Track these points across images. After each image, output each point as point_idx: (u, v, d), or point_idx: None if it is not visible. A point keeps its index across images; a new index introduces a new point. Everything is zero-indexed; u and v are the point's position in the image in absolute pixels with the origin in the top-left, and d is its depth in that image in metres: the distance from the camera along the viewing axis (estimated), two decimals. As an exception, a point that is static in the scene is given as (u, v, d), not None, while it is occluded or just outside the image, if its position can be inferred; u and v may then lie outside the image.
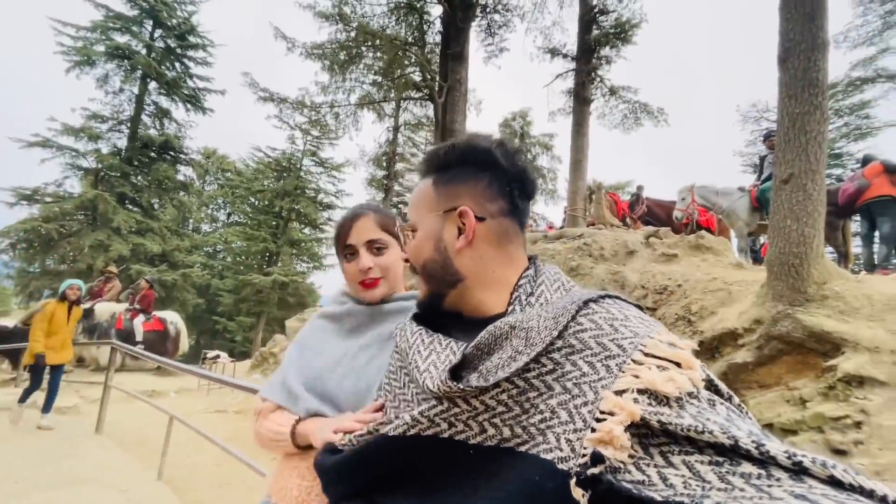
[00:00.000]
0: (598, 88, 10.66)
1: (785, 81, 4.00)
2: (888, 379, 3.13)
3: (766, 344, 3.81)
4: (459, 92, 9.04)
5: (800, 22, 3.95)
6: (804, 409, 3.41)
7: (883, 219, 5.35)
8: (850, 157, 18.35)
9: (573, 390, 0.50)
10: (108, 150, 17.51)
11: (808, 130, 3.82)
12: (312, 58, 10.02)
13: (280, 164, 23.97)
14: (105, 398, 4.85)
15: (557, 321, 0.55)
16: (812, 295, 3.69)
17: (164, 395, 7.56)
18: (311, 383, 0.95)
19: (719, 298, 4.56)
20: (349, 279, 1.04)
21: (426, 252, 0.71)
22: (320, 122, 12.94)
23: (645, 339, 0.51)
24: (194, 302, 20.05)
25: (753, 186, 6.78)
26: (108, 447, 4.39)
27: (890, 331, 3.34)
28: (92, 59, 16.90)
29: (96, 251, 15.51)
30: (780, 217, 3.88)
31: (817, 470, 0.35)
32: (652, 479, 0.40)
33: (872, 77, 15.40)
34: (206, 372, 5.00)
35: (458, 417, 0.56)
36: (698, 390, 0.46)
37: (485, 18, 10.66)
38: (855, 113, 17.61)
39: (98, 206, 16.08)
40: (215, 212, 32.65)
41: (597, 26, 10.18)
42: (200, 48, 19.34)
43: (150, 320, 9.84)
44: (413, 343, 0.67)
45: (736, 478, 0.36)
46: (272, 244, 22.80)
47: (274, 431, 0.93)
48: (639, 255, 6.09)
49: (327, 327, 1.06)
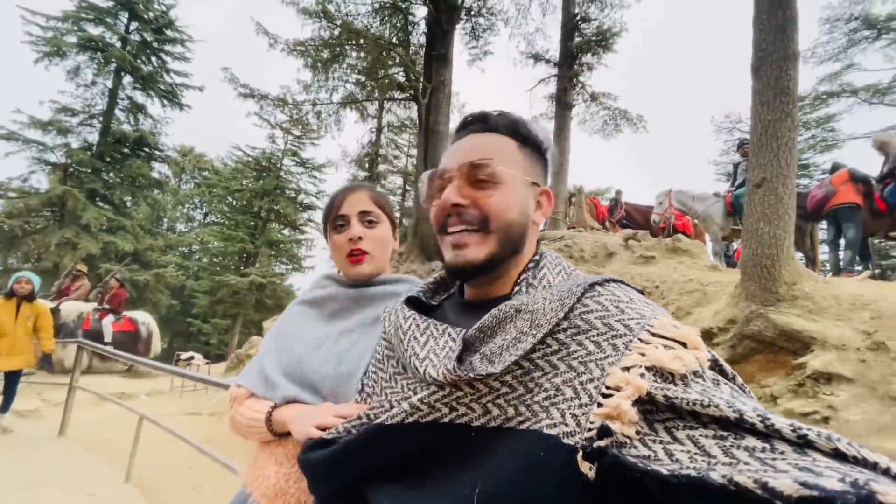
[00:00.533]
0: (579, 94, 10.86)
1: (758, 89, 4.15)
2: (854, 375, 3.25)
3: (739, 343, 3.92)
4: (443, 94, 9.06)
5: (772, 33, 4.11)
6: (775, 406, 3.52)
7: (848, 224, 5.58)
8: (816, 167, 19.17)
9: (578, 368, 0.50)
10: (78, 145, 16.83)
11: (780, 136, 3.97)
12: (295, 55, 9.89)
13: (259, 164, 23.49)
14: (70, 400, 4.64)
15: (563, 302, 0.55)
16: (783, 295, 3.82)
17: (135, 397, 7.29)
18: (291, 369, 0.92)
19: (695, 299, 4.67)
20: (336, 251, 1.01)
21: (514, 211, 0.66)
22: (302, 121, 12.78)
23: (651, 319, 0.51)
24: (168, 303, 19.45)
25: (728, 192, 7.00)
26: (73, 450, 4.20)
27: (855, 329, 3.48)
28: (63, 50, 16.26)
29: (63, 249, 14.89)
30: (753, 219, 4.01)
31: (822, 443, 0.35)
32: (658, 454, 0.40)
33: (838, 91, 16.12)
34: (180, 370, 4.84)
35: (460, 401, 0.55)
36: (703, 370, 0.47)
37: (469, 21, 10.74)
38: (821, 126, 18.41)
39: (66, 203, 15.45)
40: (191, 211, 31.83)
41: (579, 34, 10.39)
42: (178, 43, 18.83)
43: (121, 321, 9.50)
44: (407, 329, 0.65)
45: (740, 451, 0.36)
46: (250, 245, 22.31)
47: (249, 418, 0.91)
48: (618, 257, 6.20)
49: (307, 312, 1.03)
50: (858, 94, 15.54)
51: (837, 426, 3.11)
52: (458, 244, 0.64)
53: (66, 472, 3.56)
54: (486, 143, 0.68)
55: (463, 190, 0.65)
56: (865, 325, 3.48)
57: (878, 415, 3.03)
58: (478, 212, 0.64)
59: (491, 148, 0.67)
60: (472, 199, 0.65)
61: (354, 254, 0.98)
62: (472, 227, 0.64)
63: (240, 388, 0.96)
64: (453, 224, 0.65)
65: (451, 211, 0.65)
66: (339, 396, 0.84)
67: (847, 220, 5.58)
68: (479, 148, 0.67)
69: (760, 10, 4.20)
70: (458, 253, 0.64)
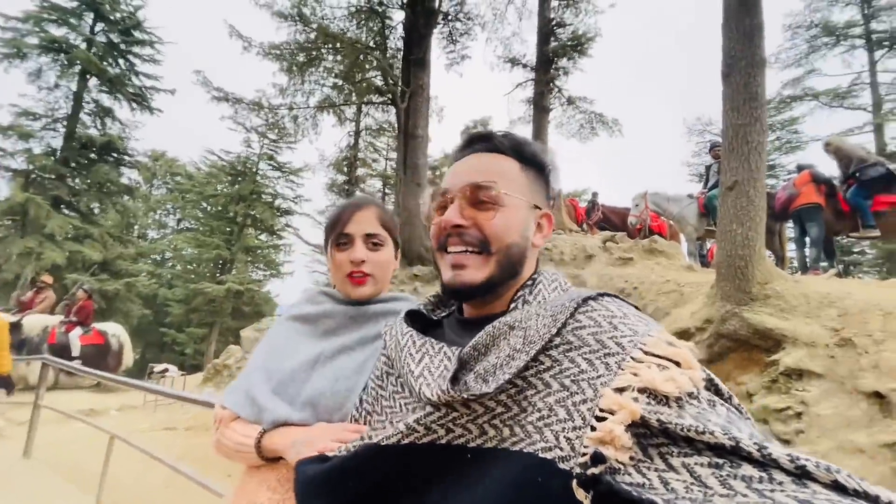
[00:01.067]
0: (556, 98, 11.00)
1: (728, 95, 4.28)
2: (824, 371, 3.38)
3: (715, 342, 4.02)
4: (422, 97, 9.05)
5: (740, 40, 4.25)
6: (750, 403, 3.62)
7: (811, 224, 5.82)
8: (782, 168, 19.95)
9: (571, 387, 0.49)
10: (40, 150, 16.14)
11: (750, 140, 4.10)
12: (270, 58, 9.73)
13: (235, 168, 23.01)
14: (35, 419, 4.40)
15: (556, 318, 0.54)
16: (756, 294, 3.94)
17: (105, 413, 6.99)
18: (283, 386, 0.88)
19: (673, 300, 4.78)
20: (337, 269, 0.98)
21: (514, 233, 0.66)
22: (278, 125, 12.55)
23: (645, 337, 0.50)
24: (140, 313, 18.81)
25: (701, 194, 7.20)
26: (39, 473, 3.99)
27: (824, 326, 3.61)
28: (23, 51, 15.58)
29: (25, 259, 14.22)
30: (726, 222, 4.12)
31: (821, 475, 0.34)
32: (653, 482, 0.39)
33: (801, 95, 16.86)
34: (150, 385, 4.67)
35: (456, 422, 0.54)
36: (698, 390, 0.46)
37: (447, 26, 10.77)
38: (786, 128, 19.21)
39: (29, 211, 14.77)
40: (164, 217, 30.86)
41: (554, 38, 10.54)
42: (147, 44, 18.26)
43: (89, 333, 9.12)
44: (404, 345, 0.65)
45: (737, 482, 0.35)
46: (226, 251, 21.79)
47: (237, 442, 0.87)
48: (597, 259, 6.29)
49: (300, 329, 0.99)
50: (819, 98, 16.27)
51: (809, 420, 3.22)
52: (458, 265, 0.64)
53: (33, 497, 3.38)
54: (489, 164, 0.68)
55: (465, 210, 0.66)
56: (833, 322, 3.62)
57: (847, 409, 3.15)
58: (479, 233, 0.65)
59: (494, 170, 0.67)
60: (473, 220, 0.65)
61: (356, 276, 0.96)
62: (472, 249, 0.65)
63: (225, 410, 0.92)
64: (454, 244, 0.66)
65: (452, 231, 0.66)
66: (335, 413, 0.82)
67: (810, 219, 5.81)
68: (482, 169, 0.67)
69: (728, 17, 4.34)
70: (457, 273, 0.64)
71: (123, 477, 3.85)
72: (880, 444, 2.88)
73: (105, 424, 4.26)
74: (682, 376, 0.45)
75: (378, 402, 0.70)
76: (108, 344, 9.44)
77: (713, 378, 0.49)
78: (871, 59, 15.61)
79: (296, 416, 0.83)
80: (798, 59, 15.97)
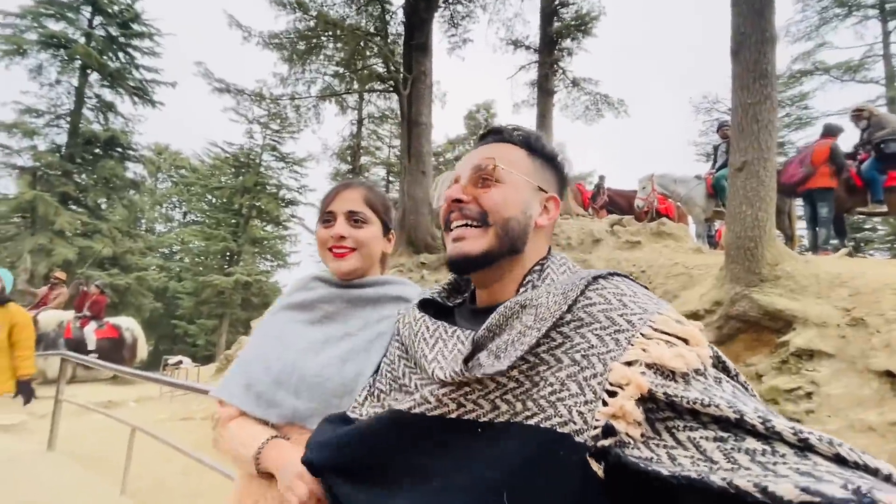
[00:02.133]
0: (560, 80, 10.84)
1: (738, 73, 4.19)
2: (834, 351, 3.37)
3: (725, 324, 4.02)
4: (424, 84, 8.94)
5: (750, 17, 4.14)
6: (760, 384, 3.63)
7: (822, 204, 5.72)
8: (791, 145, 19.57)
9: (582, 362, 0.51)
10: (46, 147, 16.22)
11: (760, 119, 4.03)
12: (270, 48, 9.62)
13: (238, 160, 23.00)
14: (57, 413, 4.53)
15: (566, 296, 0.56)
16: (766, 276, 3.92)
17: (123, 405, 7.16)
18: (285, 376, 0.87)
19: (681, 282, 4.77)
20: (320, 245, 1.00)
21: (513, 209, 0.68)
22: (280, 115, 12.52)
23: (654, 315, 0.51)
24: (151, 306, 19.08)
25: (709, 174, 7.10)
26: (64, 465, 4.11)
27: (835, 306, 3.60)
28: (23, 48, 15.54)
29: (38, 256, 14.42)
30: (736, 203, 4.08)
31: (823, 447, 0.35)
32: (661, 457, 0.40)
33: (811, 70, 16.45)
34: (163, 377, 4.76)
35: (467, 397, 0.56)
36: (706, 367, 0.47)
37: (448, 9, 10.57)
38: (795, 104, 18.78)
39: (37, 208, 14.91)
40: (170, 211, 31.06)
41: (557, 18, 10.33)
42: (146, 37, 18.13)
43: (104, 327, 9.28)
44: (418, 331, 0.67)
45: (741, 454, 0.36)
46: (233, 243, 21.94)
47: (234, 449, 0.85)
48: (604, 243, 6.27)
49: (295, 317, 0.98)
50: (830, 72, 15.87)
51: (820, 400, 3.23)
52: (458, 237, 0.68)
53: (59, 488, 3.49)
54: (494, 149, 0.72)
55: (466, 189, 0.69)
56: (844, 302, 3.60)
57: (857, 388, 3.16)
58: (477, 207, 0.68)
59: (499, 154, 0.70)
60: (472, 195, 0.69)
61: (336, 250, 0.97)
62: (472, 223, 0.67)
63: (224, 408, 0.89)
64: (455, 219, 0.69)
65: (454, 207, 0.69)
66: (344, 397, 0.82)
67: (822, 199, 5.72)
68: (486, 154, 0.71)
69: (738, -7, 4.22)
70: (456, 245, 0.67)
71: (143, 466, 3.97)
72: (891, 422, 2.88)
73: (124, 416, 4.38)
74: (690, 353, 0.46)
75: (394, 382, 0.71)
76: (122, 337, 9.61)
77: (721, 356, 0.50)
78: (885, 29, 15.14)
79: (302, 406, 0.83)
80: (808, 33, 15.54)
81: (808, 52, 16.14)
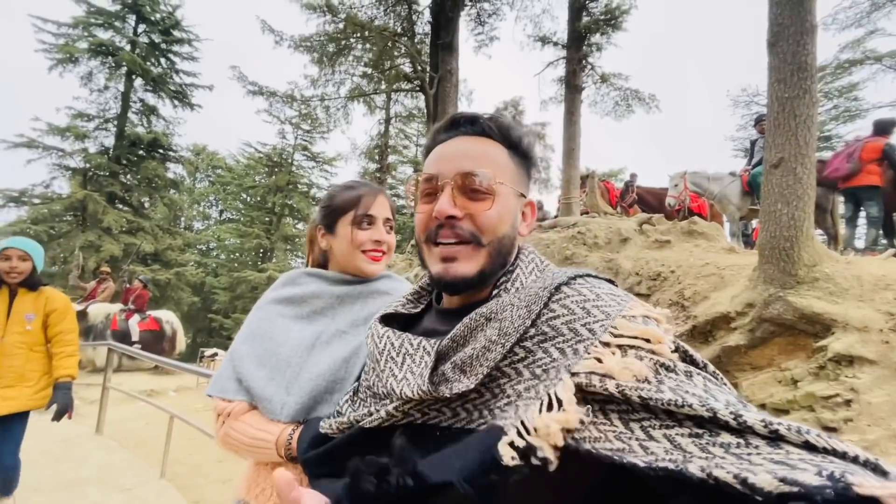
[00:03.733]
0: (589, 76, 10.62)
1: (774, 66, 4.03)
2: (877, 357, 3.20)
3: (758, 326, 3.87)
4: (451, 82, 8.98)
5: (788, 6, 3.96)
6: (796, 389, 3.49)
7: (870, 203, 5.41)
8: (839, 139, 18.47)
9: (542, 375, 0.52)
10: (95, 150, 17.22)
11: (798, 114, 3.86)
12: (301, 51, 9.90)
13: (271, 160, 23.76)
14: (104, 399, 4.84)
15: (530, 309, 0.56)
16: (803, 277, 3.75)
17: (163, 394, 7.56)
18: (278, 373, 0.88)
19: (712, 283, 4.62)
20: (356, 246, 1.01)
21: (507, 225, 0.65)
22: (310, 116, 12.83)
23: (616, 319, 0.52)
24: (189, 300, 19.93)
25: (745, 171, 6.83)
26: (110, 447, 4.40)
27: (878, 310, 3.41)
28: (74, 56, 16.52)
29: (87, 252, 15.34)
30: (770, 201, 3.92)
31: (793, 436, 0.36)
32: (633, 447, 0.41)
33: (861, 59, 15.45)
34: (198, 368, 5.00)
35: (430, 407, 0.58)
36: (675, 363, 0.48)
37: (474, 7, 10.56)
38: (844, 95, 17.68)
39: (87, 207, 15.88)
40: (207, 209, 32.34)
41: (586, 13, 10.12)
42: (186, 43, 18.96)
43: (146, 320, 9.80)
44: (383, 348, 0.66)
45: (716, 448, 0.38)
46: (266, 240, 22.68)
47: (253, 437, 0.84)
48: (632, 242, 6.13)
49: (284, 312, 0.99)
50: (882, 61, 14.88)
51: (860, 409, 3.07)
52: (448, 257, 0.62)
53: (105, 469, 3.75)
54: (479, 150, 0.65)
55: (457, 199, 0.62)
56: (889, 306, 3.41)
57: (902, 396, 2.99)
58: (471, 224, 0.62)
59: (486, 156, 0.64)
60: (466, 210, 0.62)
61: (374, 253, 1.01)
62: (464, 241, 0.62)
63: (231, 403, 0.90)
64: (445, 236, 0.63)
65: (445, 222, 0.62)
66: (335, 395, 0.84)
67: (869, 198, 5.41)
68: (473, 154, 0.64)
69: (775, -18, 4.05)
70: (449, 266, 0.62)
71: (181, 451, 4.20)
72: (938, 433, 2.72)
73: (164, 404, 4.63)
74: (639, 363, 0.46)
75: (369, 389, 0.70)
76: (162, 330, 10.12)
77: (687, 349, 0.50)
78: (946, 13, 14.04)
79: (293, 401, 0.84)
80: (858, 19, 14.56)
81: (858, 40, 15.15)
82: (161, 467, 3.65)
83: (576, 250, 6.28)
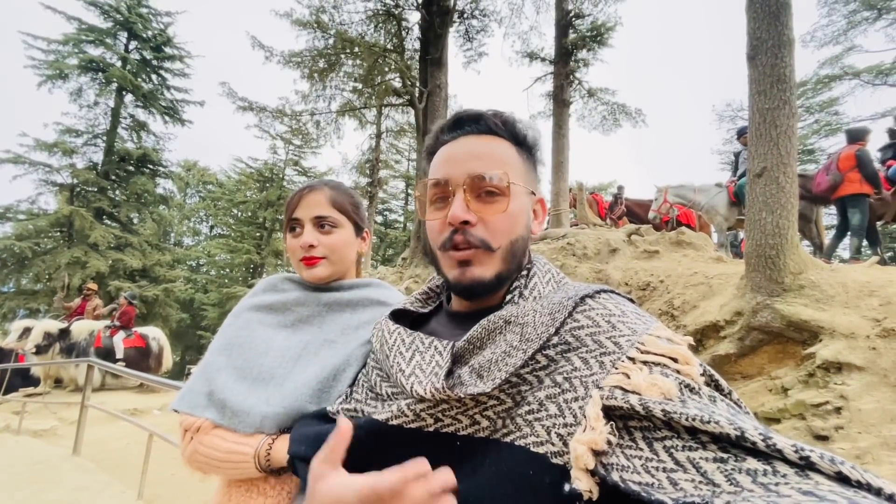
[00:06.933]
0: (576, 91, 10.81)
1: (754, 78, 4.12)
2: (865, 364, 3.21)
3: (747, 335, 3.88)
4: (440, 97, 9.08)
5: (766, 20, 4.07)
6: (786, 398, 3.48)
7: (853, 211, 5.50)
8: (821, 152, 18.94)
9: (563, 384, 0.50)
10: (83, 165, 17.08)
11: (779, 125, 3.93)
12: (291, 66, 9.97)
13: (262, 175, 23.75)
14: (83, 418, 4.68)
15: (554, 317, 0.54)
16: (789, 285, 3.78)
17: (147, 412, 7.34)
18: (261, 385, 0.82)
19: (701, 292, 4.63)
20: (291, 254, 0.96)
21: (520, 226, 0.63)
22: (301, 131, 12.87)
23: (643, 335, 0.50)
24: (178, 317, 19.60)
25: (731, 182, 6.93)
26: (87, 469, 4.23)
27: (864, 317, 3.43)
28: (64, 72, 16.50)
29: (73, 268, 15.09)
30: (755, 210, 3.97)
31: (825, 466, 0.33)
32: (662, 482, 0.39)
33: (840, 74, 15.93)
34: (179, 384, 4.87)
35: (445, 413, 0.54)
36: (699, 386, 0.46)
37: (462, 24, 10.76)
38: (825, 110, 18.18)
39: (74, 222, 15.66)
40: (197, 225, 32.13)
41: (573, 30, 10.35)
42: (177, 59, 19.06)
43: (131, 337, 9.58)
44: (393, 343, 0.63)
45: (743, 476, 0.35)
46: (256, 256, 22.50)
47: (227, 451, 0.78)
48: (621, 252, 6.16)
49: (265, 320, 0.92)
50: (861, 77, 15.35)
51: (850, 416, 3.06)
52: (465, 260, 0.60)
53: (80, 491, 3.60)
54: (487, 149, 0.63)
55: (470, 204, 0.60)
56: (874, 312, 3.43)
57: (891, 402, 2.99)
58: (486, 229, 0.61)
59: (496, 157, 0.62)
60: (480, 214, 0.61)
61: (306, 258, 0.93)
62: (479, 245, 0.60)
63: (198, 418, 0.83)
64: (460, 241, 0.60)
65: (460, 228, 0.60)
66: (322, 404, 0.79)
67: (853, 206, 5.49)
68: (482, 155, 0.62)
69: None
70: (466, 270, 0.60)
71: (163, 471, 4.05)
72: (928, 440, 2.71)
73: (147, 423, 4.49)
74: (667, 381, 0.44)
75: (370, 391, 0.68)
76: (149, 347, 9.89)
77: (713, 374, 0.48)
78: (918, 31, 14.57)
79: (272, 412, 0.78)
80: (836, 36, 15.06)
81: (836, 56, 15.66)
82: (138, 489, 3.51)
83: (565, 261, 6.29)
